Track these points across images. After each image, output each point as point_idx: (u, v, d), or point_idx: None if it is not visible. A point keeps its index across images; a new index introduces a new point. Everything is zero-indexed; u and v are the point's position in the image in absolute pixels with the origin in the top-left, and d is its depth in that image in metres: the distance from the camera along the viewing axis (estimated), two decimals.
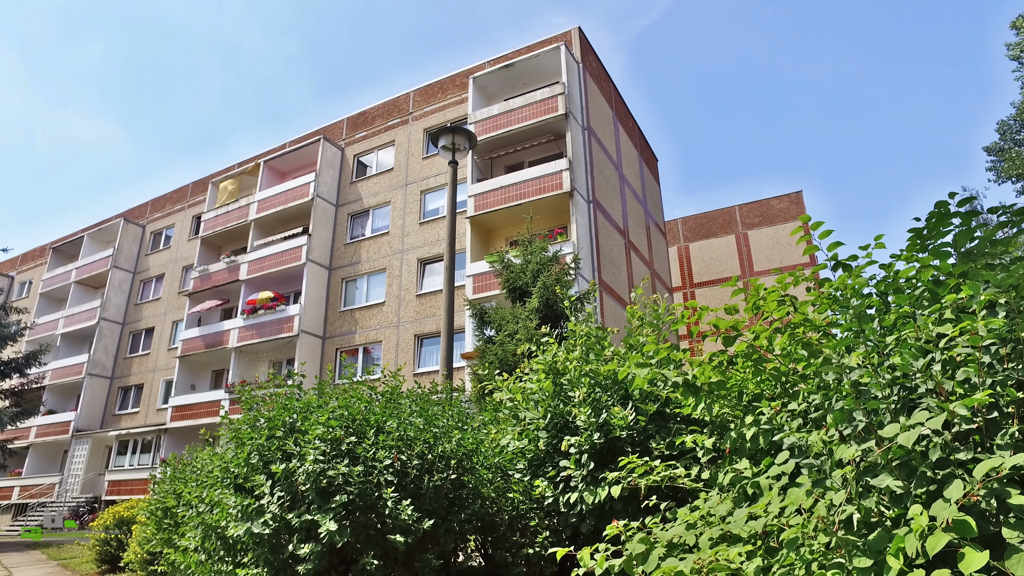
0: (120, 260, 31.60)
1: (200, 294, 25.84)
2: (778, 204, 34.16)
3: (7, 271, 38.41)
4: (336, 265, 23.78)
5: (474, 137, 10.17)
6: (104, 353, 30.03)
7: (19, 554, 15.64)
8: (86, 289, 32.73)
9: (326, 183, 24.59)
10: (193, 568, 5.14)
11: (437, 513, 4.67)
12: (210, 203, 27.91)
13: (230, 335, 23.52)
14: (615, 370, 4.92)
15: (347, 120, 26.55)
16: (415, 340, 20.69)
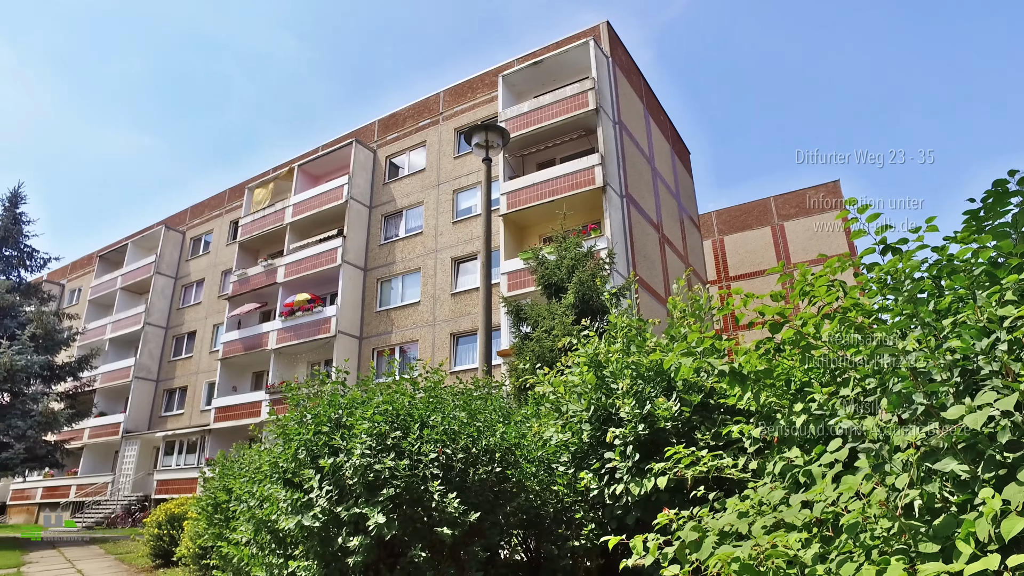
0: (162, 266, 32.45)
1: (239, 298, 26.39)
2: (814, 194, 33.47)
3: (58, 279, 39.74)
4: (371, 266, 24.06)
5: (507, 134, 10.18)
6: (149, 357, 30.89)
7: (79, 549, 16.21)
8: (131, 295, 33.69)
9: (359, 185, 24.89)
10: (246, 560, 5.26)
11: (482, 506, 4.69)
12: (246, 208, 28.47)
13: (269, 337, 23.97)
14: (659, 360, 4.89)
15: (378, 122, 26.82)
16: (451, 339, 20.82)
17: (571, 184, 19.20)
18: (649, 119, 25.06)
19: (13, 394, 20.27)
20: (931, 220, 3.16)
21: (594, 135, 20.10)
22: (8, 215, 22.75)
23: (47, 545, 17.73)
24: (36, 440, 20.04)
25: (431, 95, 25.42)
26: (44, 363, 20.70)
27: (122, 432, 28.91)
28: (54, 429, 20.98)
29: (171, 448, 26.96)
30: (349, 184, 24.38)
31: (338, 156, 25.96)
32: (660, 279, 21.79)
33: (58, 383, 22.56)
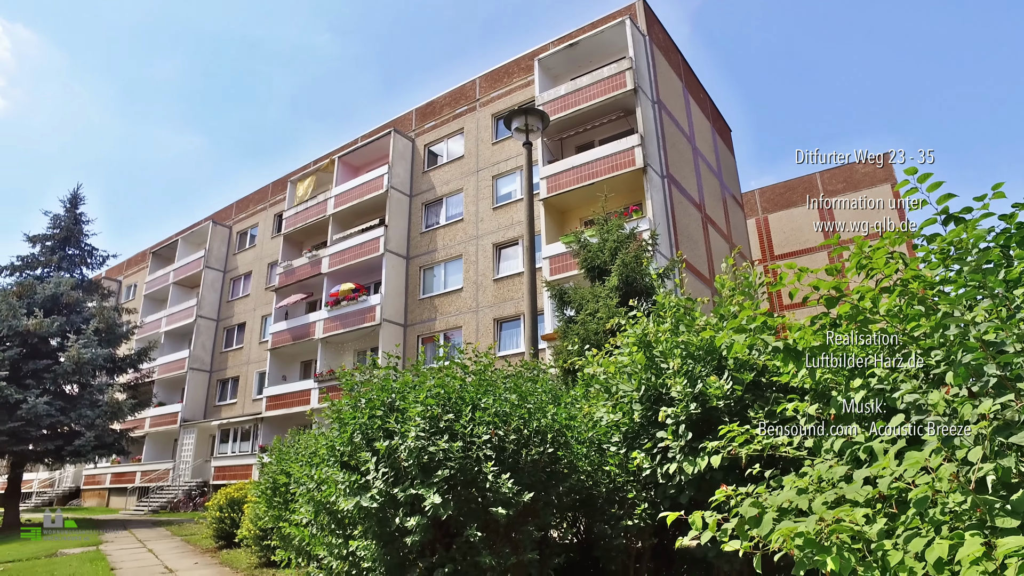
0: (211, 260, 33.41)
1: (286, 289, 27.01)
2: (863, 168, 32.38)
3: (115, 276, 41.31)
4: (413, 254, 24.32)
5: (547, 117, 10.14)
6: (202, 348, 31.93)
7: (148, 530, 17.03)
8: (183, 289, 34.82)
9: (399, 174, 25.12)
10: (307, 540, 5.44)
11: (535, 486, 4.74)
12: (289, 201, 29.04)
13: (316, 327, 24.50)
14: (709, 339, 4.86)
15: (415, 111, 26.97)
16: (494, 324, 20.96)
17: (611, 166, 19.02)
18: (688, 97, 24.59)
19: (81, 385, 21.25)
20: (998, 187, 3.05)
21: (633, 116, 19.83)
22: (69, 216, 23.69)
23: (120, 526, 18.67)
24: (104, 428, 20.98)
25: (467, 82, 25.42)
26: (107, 356, 21.59)
27: (180, 421, 30.04)
28: (119, 418, 21.93)
29: (226, 436, 27.90)
30: (389, 174, 24.63)
31: (377, 146, 26.23)
32: (703, 259, 21.47)
33: (120, 375, 23.54)
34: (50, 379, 20.26)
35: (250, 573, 9.55)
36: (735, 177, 29.15)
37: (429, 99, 26.76)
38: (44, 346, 20.88)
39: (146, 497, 28.61)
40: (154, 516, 23.67)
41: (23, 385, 19.39)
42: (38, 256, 23.12)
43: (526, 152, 9.96)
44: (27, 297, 21.06)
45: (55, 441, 20.16)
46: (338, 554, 5.03)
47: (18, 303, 20.27)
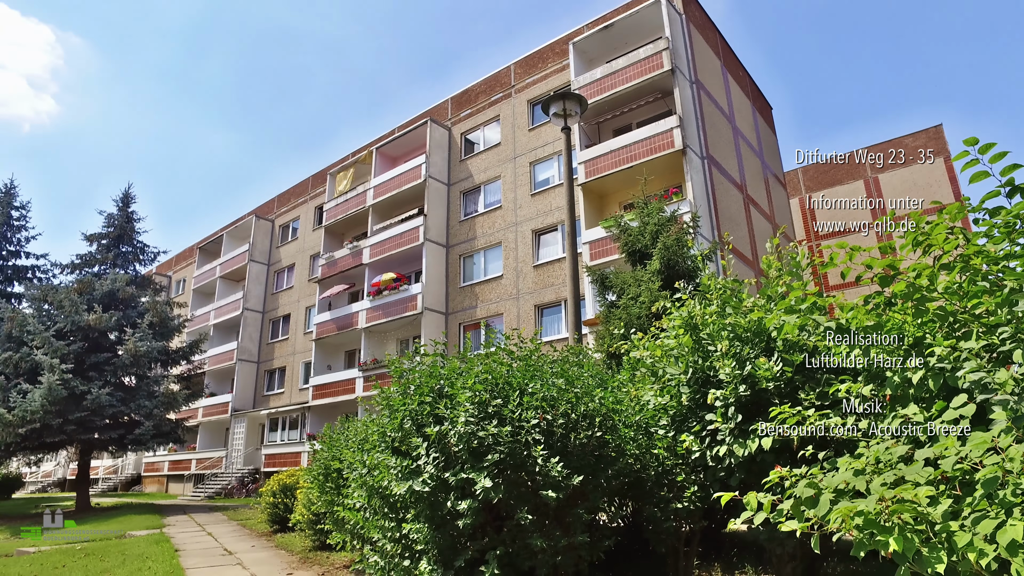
0: (255, 254, 34.20)
1: (328, 280, 27.52)
2: (913, 142, 31.25)
3: (165, 272, 42.68)
4: (453, 242, 24.49)
5: (585, 101, 10.07)
6: (249, 340, 32.81)
7: (206, 515, 17.72)
8: (230, 283, 35.76)
9: (436, 164, 25.26)
10: (361, 524, 5.59)
11: (584, 470, 4.78)
12: (329, 194, 29.50)
13: (359, 317, 24.93)
14: (757, 321, 4.80)
15: (451, 100, 27.03)
16: (535, 310, 21.01)
17: (649, 148, 18.79)
18: (727, 76, 24.06)
19: (139, 377, 22.11)
20: None
21: (671, 97, 19.52)
22: (122, 214, 24.55)
23: (179, 511, 19.45)
24: (161, 418, 21.83)
25: (501, 69, 25.35)
26: (161, 348, 22.41)
27: (231, 411, 31.00)
28: (174, 408, 22.77)
29: (275, 425, 28.69)
30: (426, 163, 24.80)
31: (414, 136, 26.40)
32: (746, 241, 21.09)
33: (174, 366, 24.42)
34: (110, 371, 21.14)
35: (305, 556, 9.84)
36: (777, 156, 28.48)
37: (464, 87, 26.80)
38: (104, 340, 21.77)
39: (202, 484, 29.67)
40: (210, 502, 24.55)
41: (87, 377, 20.28)
42: (95, 254, 24.07)
43: (565, 137, 9.92)
44: (87, 293, 21.96)
45: (117, 430, 21.06)
46: (391, 537, 5.16)
47: (79, 299, 21.17)
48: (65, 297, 20.98)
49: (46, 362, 18.91)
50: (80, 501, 21.58)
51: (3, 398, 19.01)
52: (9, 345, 20.67)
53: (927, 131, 31.15)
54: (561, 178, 21.89)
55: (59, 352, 19.52)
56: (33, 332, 19.93)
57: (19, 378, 20.00)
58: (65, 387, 18.84)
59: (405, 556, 5.03)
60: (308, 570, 8.71)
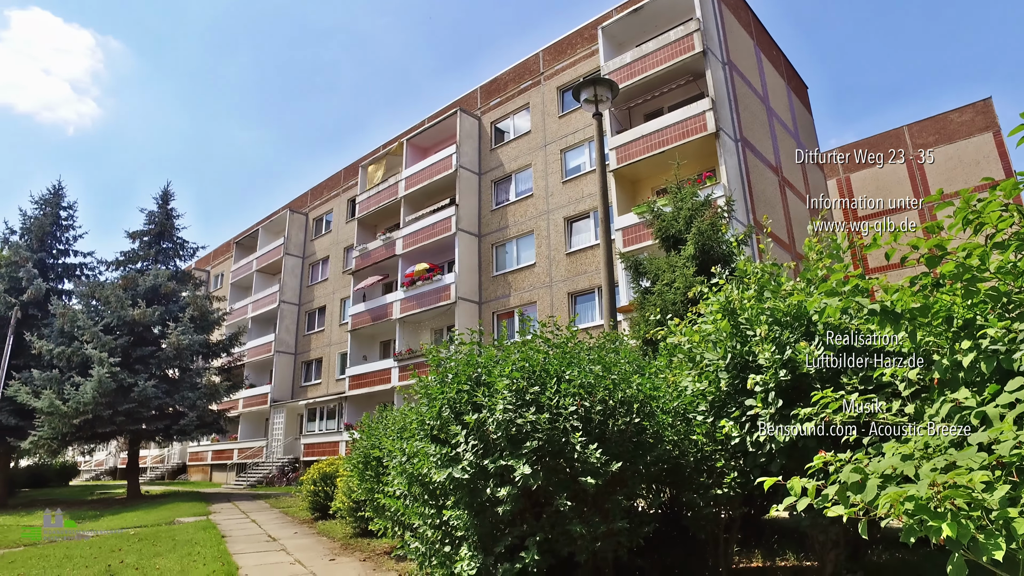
0: (290, 247, 34.75)
1: (362, 271, 27.84)
2: (959, 117, 30.15)
3: (204, 266, 43.66)
4: (485, 232, 24.53)
5: (616, 86, 9.96)
6: (286, 332, 33.42)
7: (249, 502, 18.21)
8: (266, 276, 36.43)
9: (467, 153, 25.29)
10: (402, 511, 5.68)
11: (623, 456, 4.77)
12: (361, 186, 29.77)
13: (393, 307, 25.19)
14: (797, 304, 4.72)
15: (480, 89, 26.98)
16: (569, 298, 20.97)
17: (682, 132, 18.52)
18: (760, 56, 23.53)
19: (182, 369, 22.77)
20: None
21: (703, 79, 19.17)
22: (162, 211, 25.18)
23: (224, 499, 20.02)
24: (204, 409, 22.46)
25: (530, 56, 25.19)
26: (202, 342, 23.01)
27: (270, 401, 31.68)
28: (216, 399, 23.41)
29: (313, 415, 29.23)
30: (457, 153, 24.83)
31: (444, 127, 26.46)
32: (782, 224, 20.69)
33: (214, 359, 25.06)
34: (155, 364, 21.80)
35: (346, 542, 10.06)
36: (813, 136, 27.81)
37: (493, 76, 26.72)
38: (148, 334, 22.44)
39: (244, 472, 30.44)
40: (252, 490, 25.20)
41: (133, 370, 20.95)
42: (137, 250, 24.77)
43: (596, 123, 9.84)
44: (131, 289, 22.64)
45: (163, 421, 21.73)
46: (432, 523, 5.23)
47: (124, 295, 21.84)
48: (111, 293, 21.67)
49: (96, 356, 19.59)
50: (131, 489, 22.37)
51: (58, 390, 19.77)
52: (62, 340, 21.47)
53: (975, 105, 30.01)
54: (592, 165, 21.73)
55: (107, 346, 20.20)
56: (83, 327, 20.65)
57: (72, 371, 20.78)
58: (114, 379, 19.51)
59: (445, 542, 5.11)
60: (350, 556, 8.90)
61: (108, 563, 8.79)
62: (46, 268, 25.02)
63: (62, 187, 26.35)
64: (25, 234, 25.05)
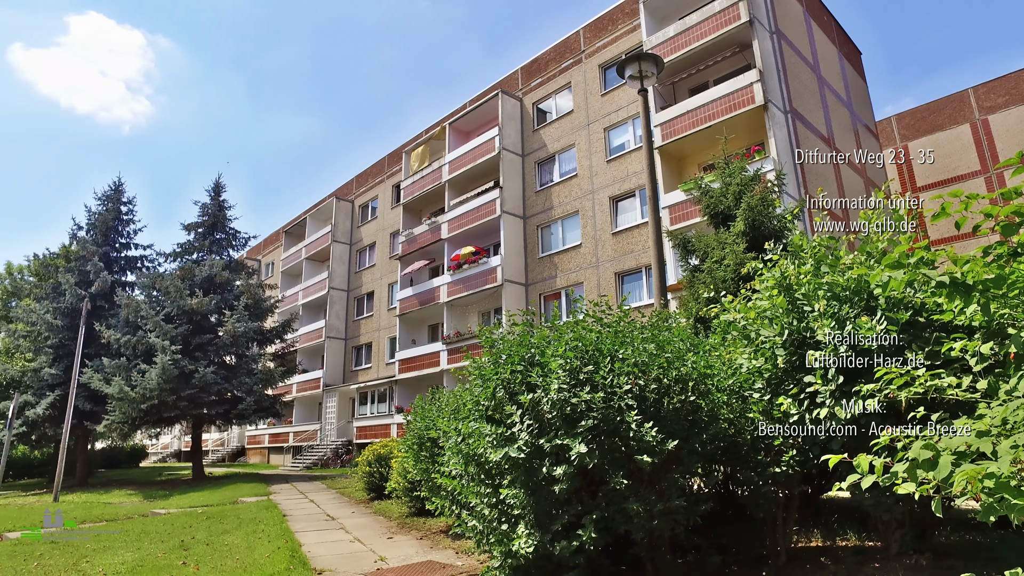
0: (337, 234, 35.36)
1: (408, 256, 28.16)
2: None
3: (255, 256, 44.85)
4: (529, 213, 24.49)
5: (661, 61, 9.77)
6: (336, 318, 34.13)
7: (306, 483, 18.82)
8: (315, 264, 37.21)
9: (509, 135, 25.21)
10: (459, 490, 5.78)
11: (678, 434, 4.75)
12: (406, 172, 30.02)
13: (440, 291, 25.44)
14: (859, 277, 4.59)
15: (521, 70, 26.79)
16: (616, 278, 20.82)
17: (729, 106, 18.05)
18: (810, 22, 22.67)
19: (238, 356, 23.57)
20: None
21: (749, 50, 18.61)
22: (214, 203, 25.96)
23: (282, 480, 20.73)
24: (260, 394, 23.23)
25: (570, 34, 24.85)
26: (256, 329, 23.74)
27: (322, 386, 32.49)
28: (271, 384, 24.17)
29: (364, 398, 29.88)
30: (500, 135, 24.77)
31: (486, 109, 26.40)
32: (835, 197, 20.03)
33: (268, 345, 25.83)
34: (213, 351, 22.64)
35: (402, 521, 10.31)
36: (867, 105, 26.72)
37: (534, 56, 26.48)
38: (205, 322, 23.28)
39: (299, 455, 31.40)
40: (308, 471, 25.99)
41: (193, 357, 21.79)
42: (193, 242, 25.63)
43: (642, 99, 9.69)
44: (188, 279, 23.49)
45: (223, 405, 22.57)
46: (488, 502, 5.31)
47: (182, 285, 22.68)
48: (170, 283, 22.52)
49: (159, 344, 20.44)
50: (196, 470, 23.37)
51: (126, 377, 20.74)
52: (127, 329, 22.48)
53: None
54: (636, 143, 21.41)
55: (168, 334, 21.04)
56: (146, 317, 21.56)
57: (137, 359, 21.76)
58: (176, 366, 20.34)
59: (502, 520, 5.18)
60: (407, 534, 9.12)
61: (181, 539, 9.24)
62: (110, 261, 26.18)
63: (122, 183, 27.43)
64: (91, 229, 26.25)
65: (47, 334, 23.70)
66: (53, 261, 28.67)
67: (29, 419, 22.13)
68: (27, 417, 21.99)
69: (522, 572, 5.00)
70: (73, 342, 22.26)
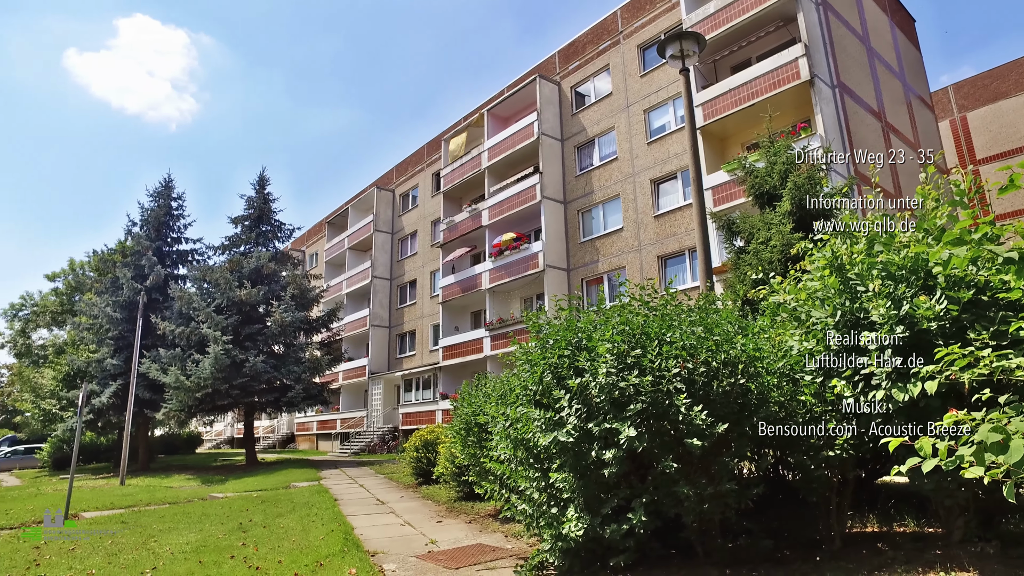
0: (379, 224, 35.77)
1: (450, 244, 28.33)
2: None
3: (300, 246, 45.75)
4: (570, 198, 24.34)
5: (703, 39, 9.57)
6: (380, 306, 34.63)
7: (355, 469, 19.26)
8: (358, 253, 37.75)
9: (548, 120, 25.04)
10: (508, 474, 5.84)
11: (728, 418, 4.70)
12: (445, 160, 30.14)
13: (482, 278, 25.56)
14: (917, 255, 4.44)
15: (558, 53, 26.54)
16: (658, 261, 20.57)
17: (772, 83, 17.56)
18: None
19: (286, 345, 24.17)
20: None
21: (794, 23, 18.04)
22: (259, 196, 26.56)
23: (331, 465, 21.25)
24: (308, 382, 23.80)
25: (608, 15, 24.47)
26: (303, 318, 24.28)
27: (368, 373, 33.07)
28: (319, 373, 24.74)
29: (409, 385, 30.32)
30: (538, 120, 24.63)
31: (523, 95, 26.26)
32: (886, 173, 19.35)
33: (315, 334, 26.40)
34: (262, 341, 23.27)
35: (450, 505, 10.46)
36: (921, 75, 25.65)
37: (570, 39, 26.18)
38: (254, 313, 23.93)
39: (347, 441, 32.09)
40: (356, 457, 26.55)
41: (243, 347, 22.44)
42: (240, 235, 26.30)
43: (684, 79, 9.51)
44: (236, 271, 24.14)
45: (273, 393, 23.21)
46: (538, 486, 5.35)
47: (231, 277, 23.33)
48: (220, 276, 23.19)
49: (211, 334, 21.12)
50: (249, 456, 24.14)
51: (181, 367, 21.51)
52: (180, 321, 23.29)
53: None
54: (677, 124, 21.03)
55: (219, 325, 21.70)
56: (198, 308, 22.29)
57: (191, 349, 22.52)
58: (227, 356, 20.98)
59: (552, 504, 5.22)
60: (455, 518, 9.26)
61: (239, 521, 9.59)
62: (163, 255, 27.09)
63: (171, 180, 28.30)
64: (144, 225, 27.19)
65: (108, 326, 24.73)
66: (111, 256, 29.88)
67: (95, 407, 23.17)
68: (93, 405, 23.03)
69: (572, 555, 5.03)
70: (132, 333, 23.20)
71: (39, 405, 28.67)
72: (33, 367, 39.30)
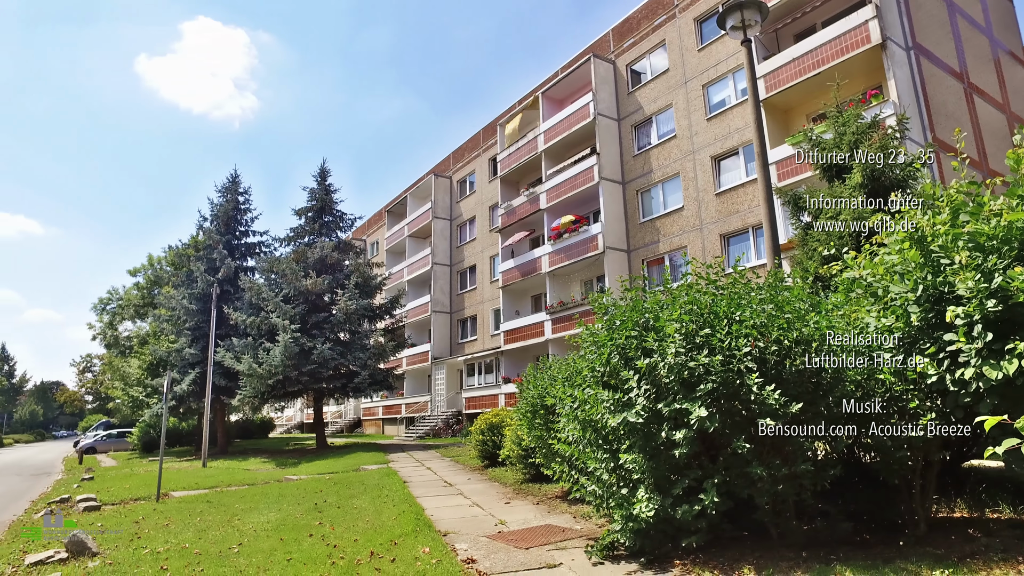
0: (437, 211, 36.16)
1: (508, 228, 28.40)
2: None
3: (361, 236, 46.78)
4: (628, 178, 23.98)
5: (765, 7, 9.17)
6: (441, 292, 35.09)
7: (421, 452, 19.71)
8: (417, 240, 38.30)
9: (604, 100, 24.67)
10: (577, 456, 5.86)
11: (802, 397, 4.58)
12: (501, 144, 30.14)
13: (541, 261, 25.53)
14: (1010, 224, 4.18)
15: (612, 31, 26.05)
16: (721, 240, 20.07)
17: (840, 49, 16.74)
18: None
19: (351, 332, 24.85)
20: None
21: None
22: (321, 188, 27.28)
23: (398, 449, 21.81)
24: (374, 368, 24.44)
25: None
26: (367, 306, 24.89)
27: (430, 359, 33.64)
28: (383, 359, 25.37)
29: (471, 370, 30.70)
30: (594, 101, 24.30)
31: (578, 75, 25.94)
32: (970, 138, 18.21)
33: (379, 321, 27.03)
34: (328, 329, 24.00)
35: (517, 487, 10.58)
36: (1013, 27, 23.87)
37: (624, 16, 25.65)
38: (320, 302, 24.68)
39: (412, 426, 32.81)
40: (421, 441, 27.15)
41: (311, 335, 23.20)
42: (304, 226, 27.12)
43: (746, 50, 9.18)
44: (302, 262, 24.93)
45: (340, 380, 23.95)
46: (607, 467, 5.35)
47: (297, 267, 24.12)
48: (286, 266, 24.01)
49: (280, 324, 21.93)
50: (319, 441, 25.03)
51: (253, 355, 22.44)
52: (251, 311, 24.27)
53: None
54: (738, 97, 20.36)
55: (288, 314, 22.50)
56: (267, 298, 23.17)
57: (262, 338, 23.45)
58: (296, 344, 21.76)
59: (622, 485, 5.21)
60: (523, 500, 9.36)
61: (314, 502, 9.98)
62: (232, 248, 28.24)
63: (237, 176, 29.42)
64: (214, 220, 28.39)
65: (185, 318, 26.04)
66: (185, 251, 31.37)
67: (176, 394, 24.50)
68: (175, 392, 24.34)
69: (643, 535, 5.02)
70: (207, 324, 24.34)
71: (128, 392, 30.63)
72: (121, 357, 41.82)
